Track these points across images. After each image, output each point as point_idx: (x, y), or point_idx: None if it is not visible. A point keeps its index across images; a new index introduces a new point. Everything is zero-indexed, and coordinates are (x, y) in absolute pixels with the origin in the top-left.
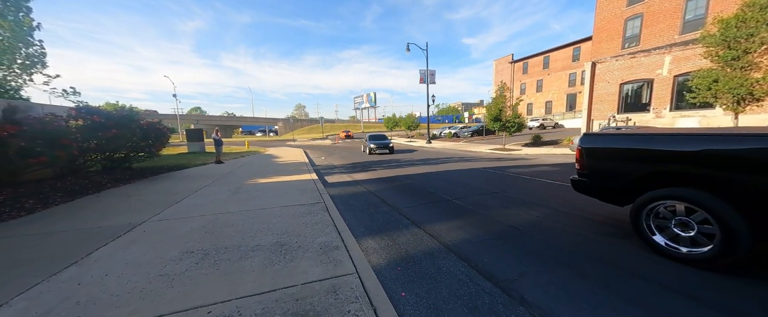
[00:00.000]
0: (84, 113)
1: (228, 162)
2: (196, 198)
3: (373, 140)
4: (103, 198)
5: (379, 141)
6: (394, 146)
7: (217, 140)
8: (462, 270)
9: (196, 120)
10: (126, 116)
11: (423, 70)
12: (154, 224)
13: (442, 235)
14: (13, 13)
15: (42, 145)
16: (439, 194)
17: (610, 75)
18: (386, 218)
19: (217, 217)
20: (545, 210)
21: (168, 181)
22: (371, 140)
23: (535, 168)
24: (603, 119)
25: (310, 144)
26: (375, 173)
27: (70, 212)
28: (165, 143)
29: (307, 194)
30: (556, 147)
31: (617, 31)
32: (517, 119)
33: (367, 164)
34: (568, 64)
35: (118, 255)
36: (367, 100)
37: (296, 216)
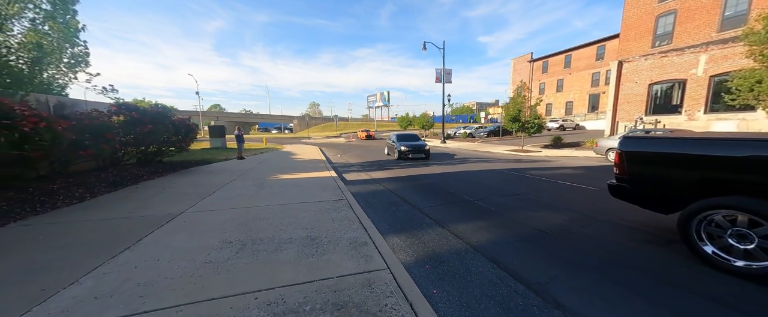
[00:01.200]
0: (124, 110)
1: (249, 158)
2: (225, 192)
3: (404, 141)
4: (142, 190)
5: (412, 143)
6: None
7: (239, 136)
8: (492, 271)
9: (215, 117)
10: (160, 112)
11: (439, 69)
12: (192, 214)
13: (467, 235)
14: (61, 15)
15: (89, 138)
16: (460, 195)
17: (638, 75)
18: (409, 217)
19: (248, 210)
20: (573, 214)
21: (197, 175)
22: (401, 140)
23: (557, 171)
24: (629, 121)
25: (324, 142)
26: (392, 171)
27: (115, 201)
28: (194, 138)
29: (328, 191)
30: (578, 149)
31: (647, 29)
32: (536, 120)
33: (383, 162)
34: (592, 63)
35: (165, 242)
36: (381, 99)
37: (322, 212)
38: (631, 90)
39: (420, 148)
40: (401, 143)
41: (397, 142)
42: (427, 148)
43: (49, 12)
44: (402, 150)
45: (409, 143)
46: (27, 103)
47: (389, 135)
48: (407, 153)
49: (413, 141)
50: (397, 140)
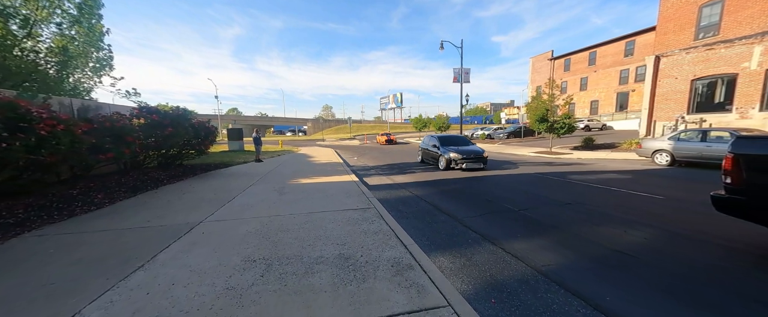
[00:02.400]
0: (145, 112)
1: (266, 161)
2: (245, 198)
3: (451, 145)
4: (161, 195)
5: (464, 149)
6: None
7: (257, 139)
8: (582, 311)
9: (233, 120)
10: (180, 115)
11: (457, 69)
12: (212, 224)
13: (528, 257)
14: (86, 19)
15: (110, 142)
16: (500, 203)
17: (679, 70)
18: (449, 230)
19: (271, 220)
20: (651, 230)
21: (216, 179)
22: (447, 145)
23: (602, 175)
24: (669, 120)
25: (339, 144)
26: (414, 175)
27: (134, 208)
28: (213, 141)
29: (353, 198)
30: (614, 151)
31: (689, 21)
32: (567, 120)
33: (402, 165)
34: (619, 59)
35: (182, 260)
36: (393, 100)
37: (351, 223)
38: (670, 87)
39: (477, 156)
40: (448, 149)
41: (442, 147)
42: (486, 155)
43: (75, 17)
44: (452, 158)
45: (460, 149)
46: (48, 106)
47: (422, 138)
48: (460, 163)
49: (464, 145)
50: (441, 145)
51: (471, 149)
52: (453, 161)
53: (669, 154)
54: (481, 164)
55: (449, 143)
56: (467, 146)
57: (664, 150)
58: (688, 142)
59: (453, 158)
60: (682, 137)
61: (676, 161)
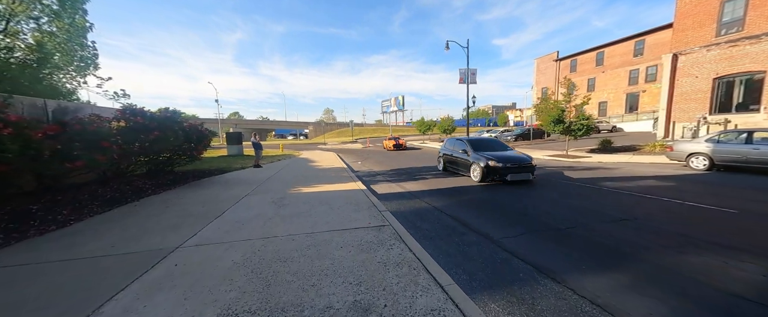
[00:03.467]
0: (128, 115)
1: (266, 166)
2: (237, 211)
3: (487, 151)
4: (142, 208)
5: (506, 155)
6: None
7: (256, 143)
8: None
9: (234, 124)
10: (168, 117)
11: (463, 70)
12: (190, 251)
13: (614, 304)
14: (69, 14)
15: (80, 147)
16: (537, 218)
17: (699, 68)
18: (489, 257)
19: (264, 244)
20: (762, 260)
21: (208, 187)
22: (480, 150)
23: (638, 182)
24: (689, 121)
25: (341, 148)
26: (426, 182)
27: (103, 227)
28: (207, 145)
29: (363, 211)
30: (638, 154)
31: (710, 16)
32: (585, 121)
33: (411, 171)
34: (628, 59)
35: (140, 312)
36: (395, 103)
37: (365, 249)
38: (690, 86)
39: (523, 164)
40: (483, 155)
41: (474, 152)
42: (533, 162)
43: (56, 11)
44: (491, 167)
45: (499, 156)
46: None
47: (444, 142)
48: (501, 173)
49: (501, 150)
50: (473, 150)
51: (512, 155)
52: (492, 170)
53: (707, 157)
54: (529, 174)
55: (483, 148)
56: (507, 152)
57: (701, 153)
58: (729, 144)
59: (492, 166)
60: (721, 139)
61: (715, 165)
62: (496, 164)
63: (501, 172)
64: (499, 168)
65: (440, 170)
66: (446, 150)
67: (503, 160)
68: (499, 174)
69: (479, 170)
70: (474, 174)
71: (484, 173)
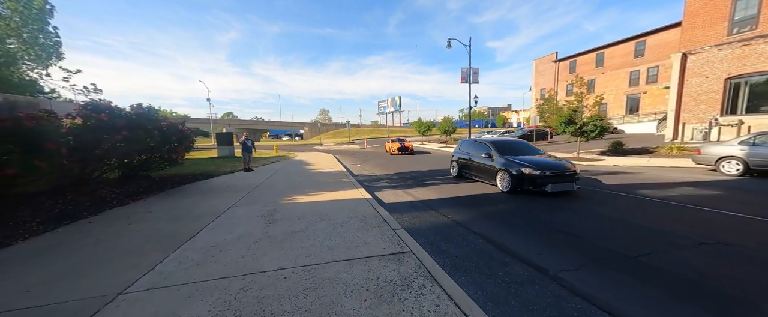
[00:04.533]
0: (90, 110)
1: (257, 170)
2: (216, 230)
3: (516, 155)
4: (96, 226)
5: (542, 161)
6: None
7: (246, 144)
8: None
9: (227, 124)
10: (141, 114)
11: (465, 69)
12: (136, 302)
13: None
14: None
15: (12, 150)
16: (595, 241)
17: (710, 68)
18: (555, 305)
19: (245, 286)
20: None
21: (188, 196)
22: (508, 154)
23: (678, 190)
24: (699, 122)
25: (338, 149)
26: (437, 189)
27: (33, 257)
28: (188, 147)
29: (372, 229)
30: (654, 157)
31: (721, 14)
32: (598, 122)
33: (416, 175)
34: (629, 60)
35: None
36: (392, 104)
37: (385, 296)
38: (700, 86)
39: (566, 172)
40: (515, 161)
41: (500, 156)
42: (578, 171)
43: None
44: (525, 176)
45: (535, 162)
46: None
47: (458, 143)
48: (539, 183)
49: (533, 155)
50: (499, 153)
51: (550, 161)
52: (527, 179)
53: (741, 162)
54: (573, 184)
55: (510, 151)
56: (540, 157)
57: (734, 157)
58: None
59: (528, 175)
60: (758, 142)
61: (751, 169)
62: (533, 171)
63: (539, 181)
64: (536, 177)
65: (453, 175)
66: (461, 154)
67: (542, 167)
68: (536, 184)
69: (509, 178)
70: (501, 183)
71: (515, 181)
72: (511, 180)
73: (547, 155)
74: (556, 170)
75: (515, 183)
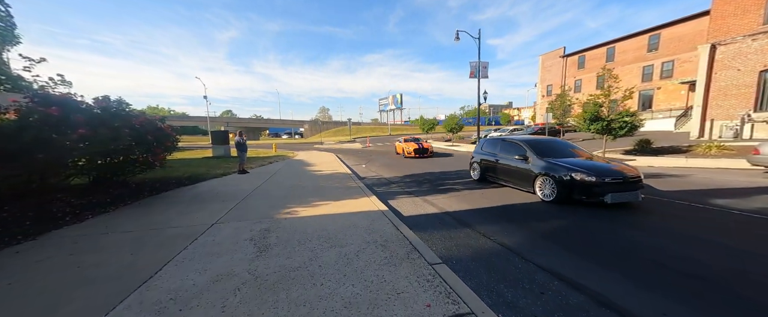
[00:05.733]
0: (36, 103)
1: (253, 171)
2: (184, 269)
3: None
4: (18, 261)
5: (601, 167)
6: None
7: (240, 143)
8: None
9: (226, 122)
10: (108, 109)
11: (474, 63)
12: None
13: None
14: None
15: None
16: (718, 282)
17: (743, 60)
18: None
19: None
20: None
21: (165, 208)
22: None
23: (757, 198)
24: (728, 118)
25: (339, 148)
26: (463, 197)
27: None
28: (170, 148)
29: (402, 265)
30: (691, 157)
31: (756, 1)
32: (629, 118)
33: (431, 177)
34: (642, 54)
35: None
36: (393, 101)
37: None
38: (731, 80)
39: (630, 179)
40: (561, 164)
41: (540, 158)
42: (643, 177)
43: None
44: (578, 183)
45: (589, 166)
46: None
47: (479, 142)
48: (597, 192)
49: (577, 157)
50: (537, 154)
51: (604, 165)
52: (580, 187)
53: None
54: (638, 194)
55: (551, 152)
56: (588, 159)
57: None
58: None
59: (580, 181)
60: None
61: None
62: (587, 177)
63: (595, 190)
64: (591, 185)
65: (474, 178)
66: (485, 154)
67: (598, 172)
68: (591, 194)
69: (553, 185)
70: (542, 190)
71: (563, 189)
72: (556, 188)
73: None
74: (617, 177)
75: (562, 192)
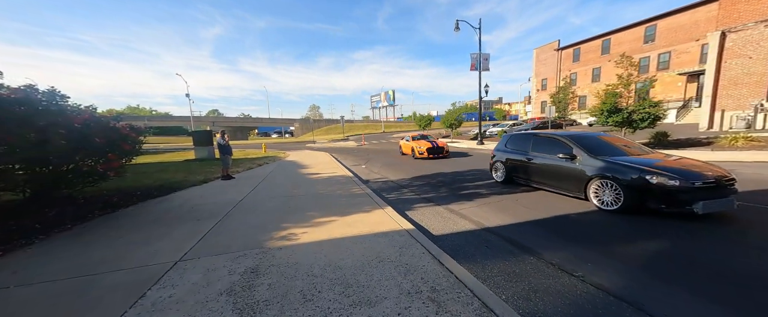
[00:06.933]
0: None
1: (240, 176)
2: None
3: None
4: None
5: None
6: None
7: (224, 145)
8: None
9: (212, 122)
10: (28, 101)
11: (474, 55)
12: None
13: None
14: None
15: None
16: None
17: (755, 48)
18: None
19: None
20: None
21: (115, 235)
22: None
23: None
24: (739, 108)
25: (333, 146)
26: (492, 202)
27: None
28: (130, 153)
29: None
30: (716, 149)
31: None
32: (652, 109)
33: (445, 179)
34: (638, 46)
35: None
36: (385, 98)
37: None
38: (742, 68)
39: (723, 182)
40: (628, 164)
41: (591, 157)
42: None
43: None
44: (655, 188)
45: (669, 167)
46: None
47: (503, 138)
48: (684, 199)
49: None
50: (588, 153)
51: (686, 167)
52: (659, 192)
53: None
54: (733, 200)
55: (604, 150)
56: (660, 159)
57: None
58: None
59: (658, 185)
60: None
61: None
62: (669, 181)
63: (682, 197)
64: (676, 190)
65: (497, 180)
66: (510, 152)
67: (685, 174)
68: (675, 202)
69: (617, 189)
70: (599, 197)
71: (634, 196)
72: (623, 194)
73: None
74: (709, 180)
75: (632, 199)
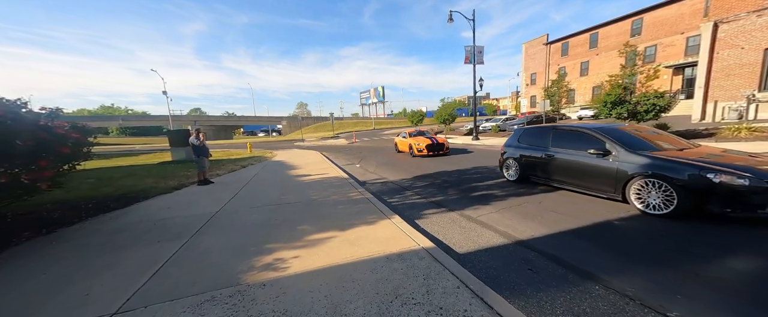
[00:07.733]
0: None
1: (220, 180)
2: None
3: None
4: None
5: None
6: None
7: (198, 146)
8: None
9: (194, 121)
10: None
11: (469, 47)
12: None
13: None
14: None
15: None
16: None
17: (748, 38)
18: None
19: None
20: None
21: (39, 269)
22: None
23: None
24: (731, 99)
25: (323, 144)
26: (511, 206)
27: None
28: (69, 158)
29: None
30: (721, 141)
31: None
32: (658, 100)
33: (450, 179)
34: (625, 40)
35: None
36: (375, 94)
37: None
38: (734, 59)
39: None
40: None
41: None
42: None
43: None
44: (720, 188)
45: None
46: None
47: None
48: (752, 203)
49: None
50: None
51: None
52: (727, 193)
53: None
54: None
55: (642, 145)
56: (718, 155)
57: None
58: None
59: (729, 185)
60: None
61: None
62: (738, 179)
63: (755, 199)
64: (748, 191)
65: (509, 178)
66: (526, 148)
67: (758, 172)
68: (746, 205)
69: (668, 190)
70: (643, 199)
71: (690, 198)
72: (676, 196)
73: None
74: None
75: (688, 201)
